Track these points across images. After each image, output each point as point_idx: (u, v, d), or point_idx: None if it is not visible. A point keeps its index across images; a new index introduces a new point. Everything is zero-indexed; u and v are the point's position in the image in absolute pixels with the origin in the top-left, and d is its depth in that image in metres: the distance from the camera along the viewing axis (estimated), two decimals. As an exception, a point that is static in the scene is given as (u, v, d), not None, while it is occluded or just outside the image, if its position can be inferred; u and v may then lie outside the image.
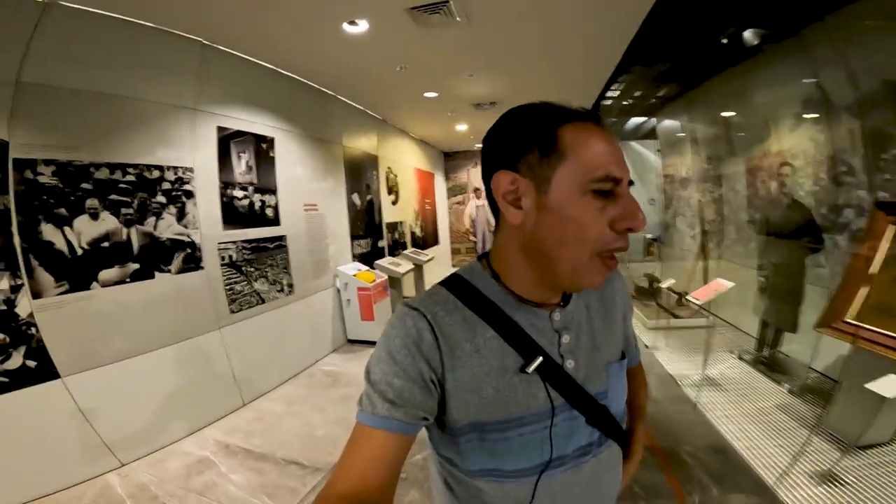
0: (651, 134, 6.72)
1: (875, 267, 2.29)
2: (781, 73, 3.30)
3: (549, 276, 0.58)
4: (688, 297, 3.34)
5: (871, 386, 1.95)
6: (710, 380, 3.23)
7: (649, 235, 6.98)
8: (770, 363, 3.32)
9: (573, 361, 0.64)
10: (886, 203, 2.40)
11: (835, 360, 2.88)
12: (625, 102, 5.53)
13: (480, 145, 0.63)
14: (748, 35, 3.36)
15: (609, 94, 5.03)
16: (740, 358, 3.57)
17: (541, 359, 0.60)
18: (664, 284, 4.33)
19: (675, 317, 4.63)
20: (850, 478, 2.06)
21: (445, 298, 0.62)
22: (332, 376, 3.63)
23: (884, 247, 2.30)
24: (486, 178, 0.60)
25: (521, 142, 0.56)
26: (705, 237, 4.80)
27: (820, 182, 3.12)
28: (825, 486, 2.01)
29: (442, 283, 0.65)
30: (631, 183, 0.56)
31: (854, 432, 2.26)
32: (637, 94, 5.22)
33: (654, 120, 6.20)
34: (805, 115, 3.17)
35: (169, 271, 2.55)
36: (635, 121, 6.66)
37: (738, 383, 3.17)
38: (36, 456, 2.02)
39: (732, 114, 4.23)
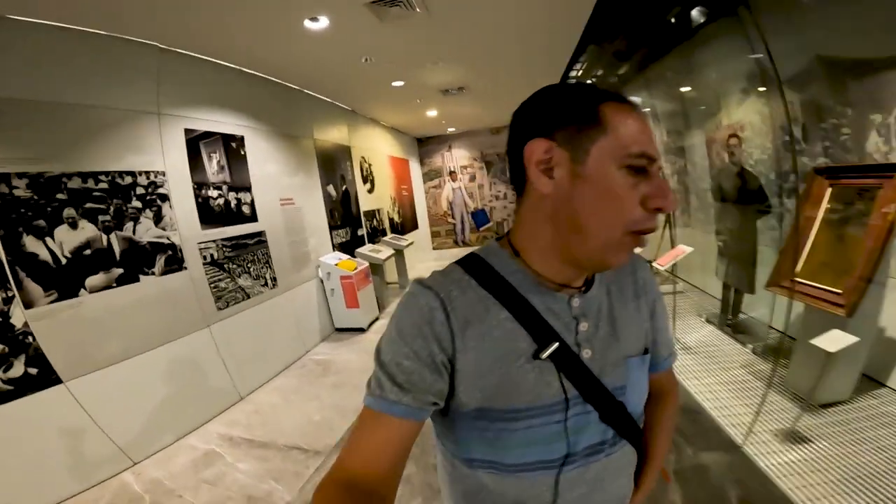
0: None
1: (816, 227, 2.52)
2: (726, 49, 3.47)
3: (577, 249, 0.56)
4: (652, 264, 3.55)
5: (816, 341, 2.05)
6: (680, 343, 3.43)
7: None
8: (734, 325, 3.54)
9: (590, 351, 0.61)
10: (823, 168, 2.61)
11: (794, 318, 3.11)
12: (588, 81, 5.67)
13: (454, 129, 0.65)
14: (695, 13, 3.52)
15: (572, 73, 5.16)
16: (707, 321, 3.79)
17: (556, 344, 0.58)
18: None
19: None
20: (812, 435, 2.17)
21: (460, 277, 0.61)
22: (322, 365, 3.75)
23: (823, 208, 2.52)
24: (516, 148, 0.58)
25: (561, 113, 0.55)
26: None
27: (766, 151, 3.34)
28: (789, 444, 2.12)
29: (458, 262, 0.64)
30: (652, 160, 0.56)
31: (809, 388, 2.36)
32: (599, 72, 5.36)
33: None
34: (749, 90, 3.36)
35: (153, 273, 2.61)
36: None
37: (707, 346, 3.36)
38: (50, 460, 2.11)
39: (687, 89, 4.41)
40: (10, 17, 2.05)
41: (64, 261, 2.18)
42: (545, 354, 0.57)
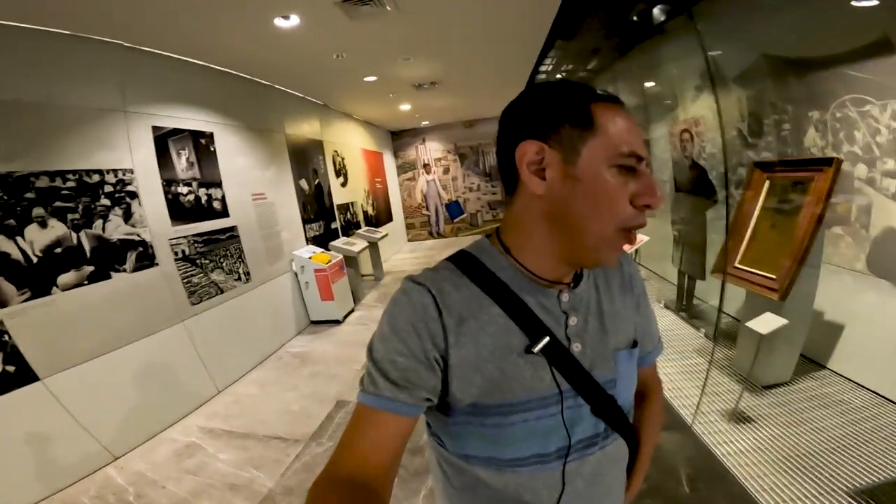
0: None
1: (755, 217, 2.73)
2: (682, 47, 3.66)
3: (572, 247, 0.58)
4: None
5: (750, 324, 2.21)
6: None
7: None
8: (688, 310, 3.77)
9: (580, 345, 0.62)
10: (762, 162, 2.83)
11: (741, 304, 3.28)
12: (558, 76, 5.82)
13: (428, 123, 0.66)
14: (656, 11, 3.69)
15: (542, 68, 5.29)
16: (665, 307, 4.02)
17: (547, 339, 0.59)
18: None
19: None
20: (755, 415, 2.29)
21: (451, 273, 0.61)
22: (299, 357, 3.83)
23: (762, 199, 2.73)
24: (506, 148, 0.59)
25: (552, 113, 0.55)
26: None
27: (716, 145, 3.56)
28: (733, 424, 2.26)
29: (449, 259, 0.64)
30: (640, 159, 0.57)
31: (754, 371, 2.47)
32: (568, 67, 5.52)
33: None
34: (702, 87, 3.57)
35: (124, 270, 2.63)
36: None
37: (664, 331, 3.55)
38: (34, 457, 2.16)
39: (649, 85, 4.62)
40: None
41: (35, 259, 2.19)
42: (537, 349, 0.58)
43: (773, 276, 2.38)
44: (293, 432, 2.64)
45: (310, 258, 4.35)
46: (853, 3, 2.32)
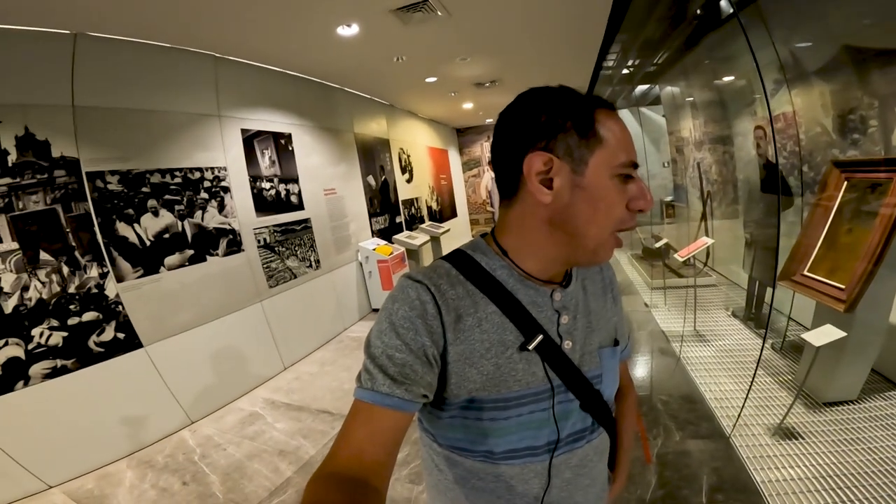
0: (658, 100, 6.77)
1: (829, 221, 2.52)
2: (755, 39, 3.41)
3: (571, 249, 0.61)
4: (675, 255, 3.61)
5: (806, 336, 2.09)
6: (699, 335, 3.48)
7: (668, 198, 7.11)
8: (756, 319, 3.52)
9: (570, 342, 0.65)
10: (841, 161, 2.60)
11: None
12: (624, 71, 5.63)
13: (491, 120, 0.72)
14: (723, 2, 3.49)
15: (606, 63, 5.15)
16: (733, 315, 3.79)
17: (541, 336, 0.61)
18: (658, 244, 4.58)
19: (680, 276, 4.87)
20: (805, 431, 2.18)
21: (448, 272, 0.63)
22: (357, 341, 4.15)
23: (838, 202, 2.52)
24: (507, 155, 0.61)
25: (558, 122, 0.57)
26: (708, 197, 4.97)
27: (800, 142, 3.30)
28: (776, 438, 2.15)
29: (445, 258, 0.66)
30: (635, 165, 0.59)
31: (817, 386, 2.39)
32: (635, 62, 5.31)
33: (657, 87, 6.26)
34: (780, 81, 3.31)
35: (217, 255, 3.07)
36: (641, 88, 6.73)
37: (725, 338, 3.38)
38: (127, 417, 2.53)
39: (724, 79, 4.34)
40: (88, 33, 2.43)
41: (148, 243, 2.65)
42: (532, 346, 0.60)
43: (842, 286, 2.21)
44: (341, 408, 2.90)
45: (374, 249, 4.67)
46: None
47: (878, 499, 1.72)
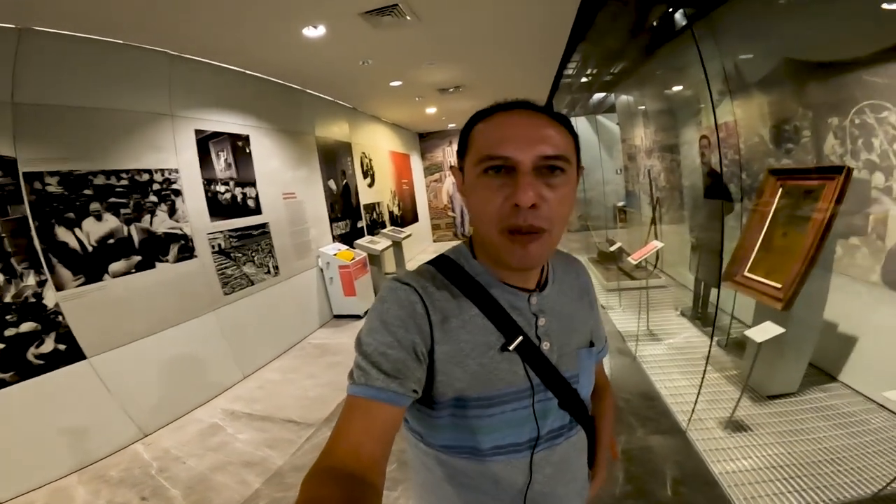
0: (614, 108, 7.08)
1: (766, 225, 2.72)
2: (705, 51, 3.65)
3: (485, 250, 0.67)
4: (628, 258, 3.78)
5: (749, 332, 2.23)
6: (652, 334, 3.66)
7: (620, 203, 7.42)
8: (702, 317, 3.75)
9: (548, 343, 0.68)
10: (777, 169, 2.82)
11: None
12: (583, 80, 5.85)
13: (454, 125, 0.81)
14: (678, 16, 3.70)
15: (567, 71, 5.34)
16: (682, 314, 4.01)
17: (521, 338, 0.64)
18: (612, 248, 4.78)
19: (632, 278, 5.09)
20: (753, 423, 2.31)
21: (433, 276, 0.67)
22: (320, 348, 4.06)
23: (773, 207, 2.71)
24: None
25: (460, 141, 0.67)
26: (657, 203, 5.24)
27: (739, 151, 3.54)
28: (728, 431, 2.28)
29: (430, 263, 0.70)
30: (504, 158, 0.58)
31: (760, 381, 2.50)
32: (593, 71, 5.54)
33: (613, 95, 6.55)
34: (724, 92, 3.55)
35: (167, 261, 2.91)
36: (598, 96, 7.02)
37: (675, 336, 3.58)
38: (72, 432, 2.37)
39: (673, 90, 4.60)
40: (34, 28, 2.29)
41: (90, 248, 2.48)
42: (512, 347, 0.64)
43: (779, 286, 2.39)
44: (307, 417, 2.83)
45: (335, 255, 4.59)
46: (884, 7, 2.24)
47: (824, 488, 1.83)
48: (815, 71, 2.70)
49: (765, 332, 2.16)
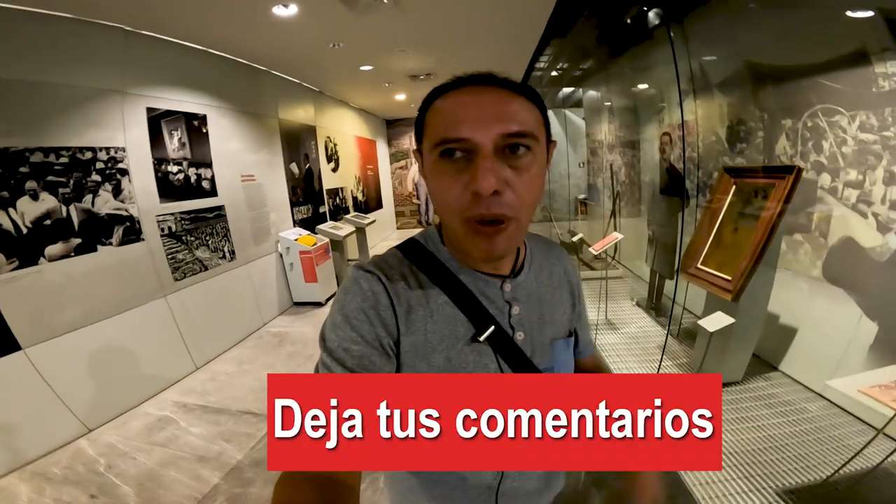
0: (581, 103, 7.20)
1: (719, 220, 2.85)
2: (671, 52, 3.75)
3: (451, 239, 0.63)
4: (589, 249, 3.87)
5: (701, 322, 2.32)
6: (610, 324, 3.77)
7: (581, 196, 7.58)
8: (656, 308, 3.91)
9: (522, 333, 0.65)
10: (730, 168, 2.95)
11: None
12: (553, 73, 5.91)
13: None
14: (651, 15, 3.78)
15: (538, 64, 5.37)
16: (637, 304, 4.17)
17: (493, 328, 0.61)
18: (574, 238, 4.89)
19: (592, 269, 5.25)
20: None
21: (400, 262, 0.63)
22: (279, 337, 3.93)
23: (727, 203, 2.85)
24: None
25: (417, 123, 0.60)
26: (617, 196, 5.40)
27: (697, 149, 3.69)
28: None
29: (397, 247, 0.66)
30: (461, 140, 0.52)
31: (707, 369, 2.58)
32: (564, 65, 5.60)
33: (581, 90, 6.66)
34: (688, 91, 3.67)
35: (111, 244, 2.71)
36: (566, 90, 7.11)
37: (631, 325, 3.70)
38: (6, 428, 2.20)
39: (639, 87, 4.71)
40: None
41: (25, 230, 2.27)
42: (483, 337, 0.60)
43: (728, 278, 2.51)
44: (265, 409, 2.70)
45: (295, 240, 4.45)
46: (847, 14, 2.26)
47: (770, 475, 1.92)
48: (772, 75, 2.82)
49: (717, 321, 2.27)
